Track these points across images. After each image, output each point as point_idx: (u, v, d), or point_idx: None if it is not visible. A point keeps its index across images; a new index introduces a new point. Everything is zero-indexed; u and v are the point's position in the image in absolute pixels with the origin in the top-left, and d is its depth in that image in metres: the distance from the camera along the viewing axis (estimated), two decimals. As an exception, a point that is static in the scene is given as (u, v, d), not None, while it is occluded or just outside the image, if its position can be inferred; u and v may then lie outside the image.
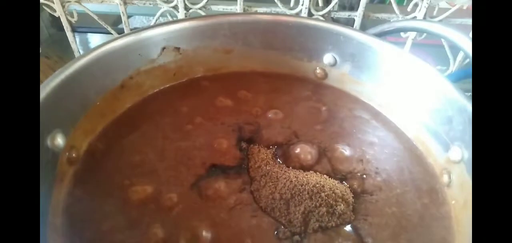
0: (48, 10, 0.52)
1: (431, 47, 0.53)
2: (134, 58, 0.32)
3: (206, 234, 0.24)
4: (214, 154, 0.30)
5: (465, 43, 0.30)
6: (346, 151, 0.31)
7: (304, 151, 0.30)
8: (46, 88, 0.25)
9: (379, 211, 0.26)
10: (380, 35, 0.34)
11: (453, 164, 0.28)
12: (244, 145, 0.31)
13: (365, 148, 0.31)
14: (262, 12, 0.42)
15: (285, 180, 0.26)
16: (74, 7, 0.52)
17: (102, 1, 0.52)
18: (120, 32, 0.55)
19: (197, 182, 0.27)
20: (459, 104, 0.27)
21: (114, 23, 0.67)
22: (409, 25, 0.36)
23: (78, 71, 0.27)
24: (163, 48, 0.33)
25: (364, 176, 0.29)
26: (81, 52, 0.57)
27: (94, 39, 0.70)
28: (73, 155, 0.27)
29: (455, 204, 0.27)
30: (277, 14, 0.43)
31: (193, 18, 0.36)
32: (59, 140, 0.26)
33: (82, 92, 0.28)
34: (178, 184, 0.27)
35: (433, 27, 0.31)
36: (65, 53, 0.60)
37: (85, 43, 0.68)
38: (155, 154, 0.29)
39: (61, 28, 0.66)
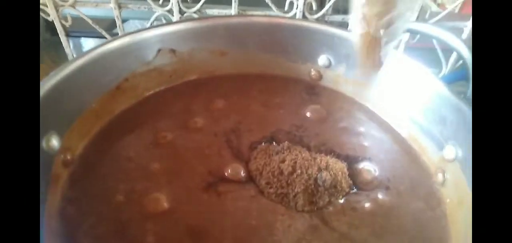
0: (42, 14, 0.51)
1: (424, 50, 0.54)
2: (129, 60, 0.32)
3: (202, 236, 0.24)
4: (209, 157, 0.30)
5: (459, 44, 0.30)
6: (341, 151, 0.31)
7: (299, 151, 0.30)
8: (41, 90, 0.25)
9: (372, 209, 0.27)
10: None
11: (447, 162, 0.28)
12: (240, 149, 0.31)
13: (360, 147, 0.31)
14: (257, 14, 0.42)
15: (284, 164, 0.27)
16: (68, 11, 0.51)
17: (96, 5, 0.52)
18: (114, 36, 0.54)
19: (192, 184, 0.27)
20: (453, 103, 0.28)
21: (108, 27, 0.66)
22: (412, 28, 0.36)
23: (73, 73, 0.27)
24: (159, 50, 0.33)
25: (360, 174, 0.29)
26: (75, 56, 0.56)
27: (88, 43, 0.69)
28: (68, 157, 0.27)
29: (450, 202, 0.27)
30: (272, 16, 0.44)
31: (189, 19, 0.36)
32: (54, 142, 0.26)
33: (77, 94, 0.28)
34: (172, 187, 0.27)
35: (428, 29, 0.32)
36: (60, 58, 0.60)
37: (79, 48, 0.68)
38: (150, 156, 0.29)
39: (55, 32, 0.66)
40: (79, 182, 0.27)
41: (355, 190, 0.28)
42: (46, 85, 0.25)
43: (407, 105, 0.32)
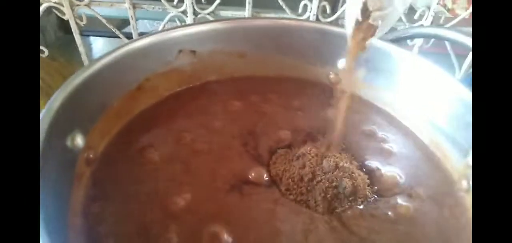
0: (57, 13, 0.51)
1: (437, 55, 0.54)
2: (151, 60, 0.32)
3: (226, 238, 0.24)
4: (230, 159, 0.29)
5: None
6: (361, 156, 0.31)
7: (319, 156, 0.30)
8: (67, 89, 0.25)
9: (398, 216, 0.26)
10: (394, 41, 0.35)
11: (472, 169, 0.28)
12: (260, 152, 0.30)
13: (380, 153, 0.31)
14: (276, 17, 0.42)
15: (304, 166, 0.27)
16: (83, 10, 0.52)
17: (111, 5, 0.52)
18: (127, 35, 0.55)
19: (215, 185, 0.27)
20: (478, 109, 0.27)
21: (119, 27, 0.67)
22: (423, 32, 0.36)
23: (97, 73, 0.27)
24: (180, 51, 0.33)
25: (381, 180, 0.29)
26: (88, 55, 0.57)
27: (98, 42, 0.70)
28: (91, 156, 0.27)
29: (475, 209, 0.27)
30: (292, 19, 0.44)
31: (210, 21, 0.36)
32: (79, 141, 0.25)
33: (100, 93, 0.28)
34: (194, 187, 0.27)
35: (449, 33, 0.31)
36: (72, 56, 0.60)
37: (88, 46, 0.68)
38: (170, 157, 0.29)
39: (68, 31, 0.66)
40: (101, 180, 0.27)
41: (375, 197, 0.28)
42: (73, 83, 0.25)
43: (428, 110, 0.32)
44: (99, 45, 0.70)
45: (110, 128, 0.29)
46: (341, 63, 0.36)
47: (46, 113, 0.22)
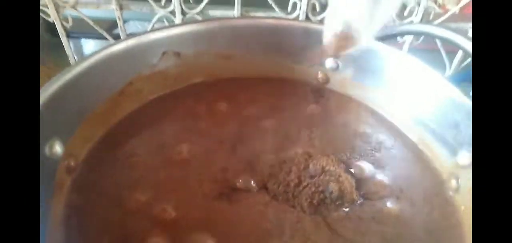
0: (43, 16, 0.51)
1: (427, 52, 0.54)
2: (134, 63, 0.31)
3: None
4: (217, 165, 0.29)
5: (466, 44, 0.30)
6: (349, 157, 0.30)
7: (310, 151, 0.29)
8: (44, 95, 0.24)
9: (388, 217, 0.26)
10: (382, 39, 0.34)
11: (461, 168, 0.27)
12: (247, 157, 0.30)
13: (368, 153, 0.31)
14: (263, 16, 0.42)
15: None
16: (69, 12, 0.51)
17: (98, 6, 0.51)
18: (116, 37, 0.54)
19: (202, 192, 0.27)
20: (466, 108, 0.27)
21: (109, 28, 0.66)
22: (412, 29, 0.36)
23: (76, 77, 0.27)
24: (163, 53, 0.33)
25: (369, 181, 0.28)
26: (76, 57, 0.56)
27: (89, 44, 0.69)
28: (72, 163, 0.26)
29: (464, 210, 0.26)
30: (279, 18, 0.43)
31: (194, 22, 0.35)
32: (57, 148, 0.25)
33: (80, 99, 0.27)
34: (178, 193, 0.26)
35: (437, 31, 0.31)
36: (61, 59, 0.59)
37: (79, 49, 0.67)
38: (155, 163, 0.29)
39: (55, 33, 0.65)
40: (83, 189, 0.26)
41: (362, 200, 0.27)
42: (49, 89, 0.24)
43: (417, 109, 0.32)
44: (90, 47, 0.69)
45: (92, 134, 0.29)
46: (329, 63, 0.36)
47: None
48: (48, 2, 0.49)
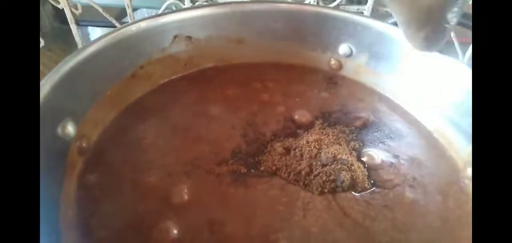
0: (52, 2, 0.50)
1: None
2: (145, 46, 0.31)
3: (222, 227, 0.23)
4: (226, 147, 0.29)
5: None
6: (364, 142, 0.30)
7: (322, 138, 0.29)
8: (56, 75, 0.24)
9: (400, 205, 0.25)
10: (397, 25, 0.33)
11: (478, 156, 0.27)
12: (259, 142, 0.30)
13: (383, 141, 0.30)
14: (275, 1, 0.41)
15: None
16: (78, -1, 0.50)
17: (107, -8, 0.51)
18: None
19: (208, 174, 0.26)
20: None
21: (118, 16, 0.65)
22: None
23: (88, 58, 0.26)
24: (175, 37, 0.32)
25: (382, 169, 0.28)
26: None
27: (96, 32, 0.69)
28: (84, 144, 0.26)
29: (481, 197, 0.26)
30: (291, 2, 0.42)
31: (206, 5, 0.34)
32: (70, 129, 0.25)
33: (92, 81, 0.27)
34: (192, 179, 0.26)
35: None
36: (69, 46, 0.59)
37: (86, 37, 0.67)
38: (166, 146, 0.28)
39: (64, 21, 0.65)
40: (94, 170, 0.26)
41: (374, 188, 0.27)
42: (61, 70, 0.24)
43: (433, 97, 0.31)
44: (97, 35, 0.69)
45: (103, 116, 0.29)
46: (342, 49, 0.35)
47: (34, 100, 0.21)
48: (58, -12, 0.48)
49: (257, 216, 0.24)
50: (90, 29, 0.69)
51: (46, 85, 0.23)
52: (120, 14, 0.66)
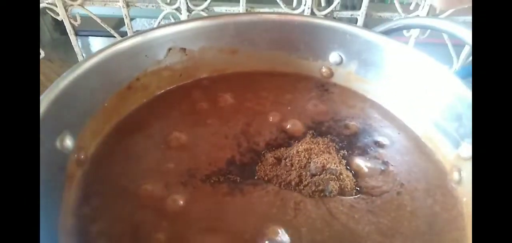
0: (52, 14, 0.51)
1: (434, 46, 0.53)
2: (141, 59, 0.32)
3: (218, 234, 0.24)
4: (221, 155, 0.29)
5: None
6: (354, 150, 0.31)
7: (311, 147, 0.30)
8: (55, 90, 0.25)
9: (385, 211, 0.26)
10: (386, 33, 0.34)
11: (463, 161, 0.28)
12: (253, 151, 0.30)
13: (372, 148, 0.31)
14: (267, 12, 0.42)
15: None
16: (77, 10, 0.52)
17: (105, 4, 0.52)
18: (123, 35, 0.55)
19: (205, 183, 0.27)
20: (469, 100, 0.27)
21: (115, 26, 0.67)
22: (416, 23, 0.36)
23: (86, 72, 0.27)
24: (169, 49, 0.33)
25: (371, 174, 0.29)
26: (84, 55, 0.57)
27: (96, 42, 0.70)
28: (82, 156, 0.27)
29: (466, 201, 0.27)
30: (283, 13, 0.44)
31: (199, 18, 0.36)
32: (68, 142, 0.26)
33: (90, 94, 0.28)
34: (185, 185, 0.27)
35: (440, 24, 0.31)
36: (68, 57, 0.60)
37: (87, 47, 0.68)
38: (162, 156, 0.29)
39: (63, 32, 0.66)
40: (92, 181, 0.27)
41: (362, 196, 0.27)
42: (60, 84, 0.25)
43: (421, 102, 0.32)
44: (97, 45, 0.70)
45: (101, 128, 0.30)
46: (333, 57, 0.36)
47: (33, 115, 0.22)
48: (56, 1, 0.50)
49: (249, 220, 0.25)
50: (91, 39, 0.70)
51: (45, 100, 0.24)
52: (118, 23, 0.68)
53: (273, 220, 0.25)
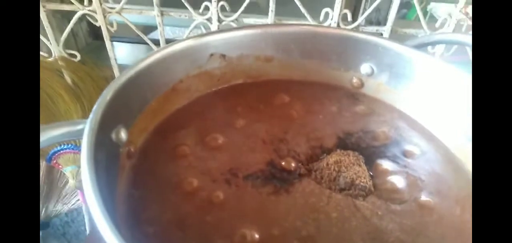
0: (90, 20, 0.55)
1: (459, 64, 0.55)
2: (186, 63, 0.34)
3: (255, 233, 0.26)
4: (261, 160, 0.31)
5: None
6: (383, 160, 0.32)
7: (342, 159, 0.31)
8: (112, 88, 0.27)
9: (416, 223, 0.27)
10: (417, 47, 0.36)
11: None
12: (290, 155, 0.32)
13: (401, 157, 0.32)
14: (301, 23, 0.44)
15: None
16: (115, 17, 0.55)
17: (141, 12, 0.55)
18: (154, 42, 0.57)
19: (244, 180, 0.29)
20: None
21: (144, 33, 0.70)
22: (444, 38, 0.37)
23: (139, 73, 0.29)
24: (211, 55, 0.35)
25: (399, 193, 0.29)
26: (117, 60, 0.60)
27: (121, 48, 0.73)
28: (132, 149, 0.29)
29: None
30: (316, 25, 0.46)
31: (240, 28, 0.38)
32: (122, 135, 0.28)
33: (141, 92, 0.30)
34: (225, 181, 0.29)
35: (468, 39, 0.32)
36: (100, 60, 0.63)
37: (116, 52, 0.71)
38: (202, 154, 0.31)
39: (97, 37, 0.70)
40: (140, 174, 0.29)
41: (389, 204, 0.28)
42: (117, 83, 0.27)
43: (452, 115, 0.33)
44: (121, 51, 0.73)
45: (147, 125, 0.32)
46: (364, 68, 0.38)
47: (98, 107, 0.24)
48: (97, 8, 0.53)
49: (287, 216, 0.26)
50: (115, 44, 0.73)
51: (106, 95, 0.26)
52: (145, 30, 0.71)
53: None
